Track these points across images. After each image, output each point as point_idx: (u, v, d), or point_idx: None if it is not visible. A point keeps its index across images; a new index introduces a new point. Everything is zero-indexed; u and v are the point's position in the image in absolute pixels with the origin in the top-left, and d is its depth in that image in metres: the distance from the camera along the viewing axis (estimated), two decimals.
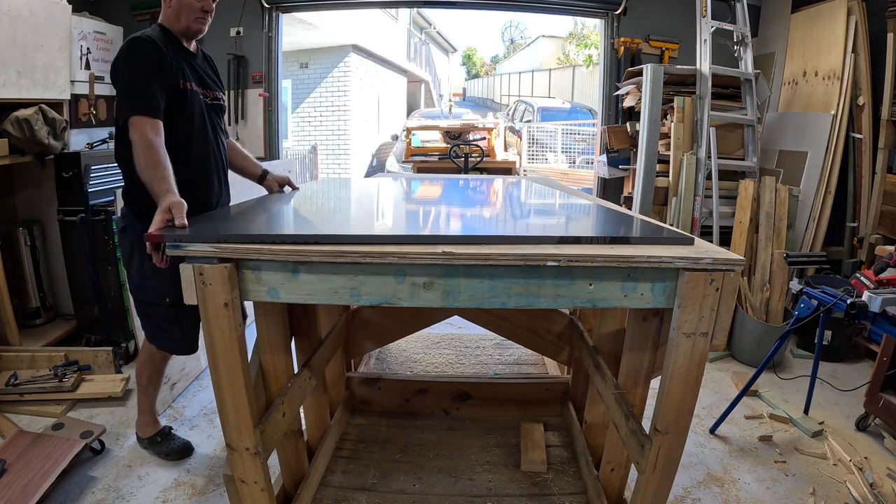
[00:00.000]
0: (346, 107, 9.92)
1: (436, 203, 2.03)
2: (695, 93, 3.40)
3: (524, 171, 8.06)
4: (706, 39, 3.34)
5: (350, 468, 1.95)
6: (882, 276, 1.88)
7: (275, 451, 1.58)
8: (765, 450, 2.24)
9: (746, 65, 3.48)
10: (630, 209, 3.57)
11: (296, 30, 7.60)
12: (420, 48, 17.87)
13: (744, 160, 3.52)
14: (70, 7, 2.99)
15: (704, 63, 3.34)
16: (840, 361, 3.08)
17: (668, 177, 3.48)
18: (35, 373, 2.47)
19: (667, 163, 3.51)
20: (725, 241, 3.31)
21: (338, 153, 9.97)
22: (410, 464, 1.97)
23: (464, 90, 29.73)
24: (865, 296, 1.82)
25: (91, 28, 3.42)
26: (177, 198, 1.30)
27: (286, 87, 9.70)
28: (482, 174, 5.78)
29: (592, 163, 5.41)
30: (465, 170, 6.19)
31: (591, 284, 1.08)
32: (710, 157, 3.33)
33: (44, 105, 2.69)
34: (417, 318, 2.22)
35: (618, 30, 4.09)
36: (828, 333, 2.95)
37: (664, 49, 4.07)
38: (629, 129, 3.92)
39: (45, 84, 2.82)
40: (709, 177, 3.35)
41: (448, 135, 7.06)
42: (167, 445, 2.09)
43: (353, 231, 1.30)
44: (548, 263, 1.04)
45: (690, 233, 2.34)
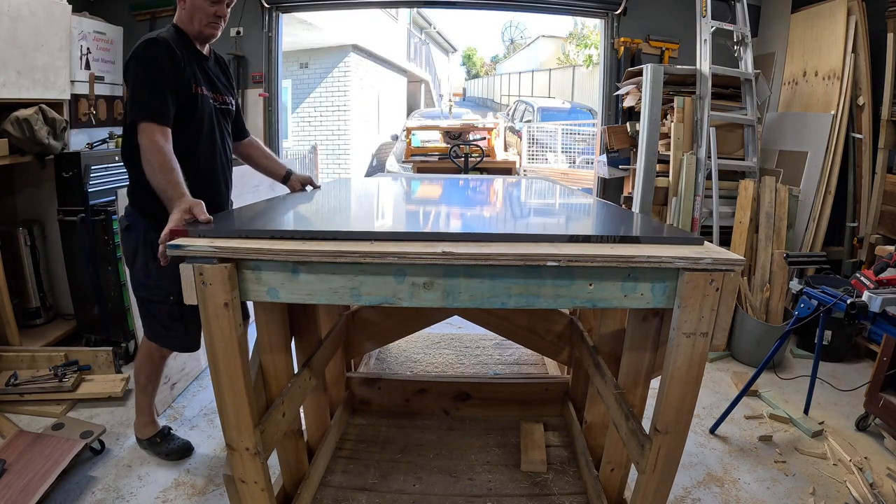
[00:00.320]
0: (346, 107, 9.93)
1: (437, 202, 2.03)
2: (695, 93, 3.40)
3: (524, 171, 8.06)
4: (706, 39, 3.34)
5: (350, 468, 1.95)
6: (882, 276, 1.88)
7: (275, 451, 1.58)
8: (765, 450, 2.24)
9: (746, 65, 3.48)
10: (630, 209, 3.57)
11: (296, 30, 7.61)
12: (420, 48, 17.87)
13: (744, 160, 3.52)
14: (70, 7, 2.99)
15: (704, 63, 3.34)
16: (840, 361, 3.08)
17: (668, 177, 3.48)
18: (35, 373, 2.48)
19: (667, 163, 3.51)
20: (725, 241, 3.31)
21: (338, 153, 9.98)
22: (410, 464, 1.97)
23: (464, 90, 29.73)
24: (865, 296, 1.82)
25: (91, 28, 3.42)
26: (193, 199, 1.32)
27: (286, 87, 9.70)
28: (482, 174, 5.78)
29: (592, 163, 5.41)
30: (465, 170, 6.20)
31: (591, 284, 1.08)
32: (710, 157, 3.33)
33: (44, 105, 2.69)
34: (417, 318, 2.22)
35: (618, 30, 4.08)
36: (828, 333, 2.95)
37: (664, 49, 4.06)
38: (629, 129, 3.92)
39: (45, 84, 2.82)
40: (709, 177, 3.35)
41: (448, 135, 7.06)
42: (167, 446, 2.09)
43: (354, 229, 1.30)
44: (548, 263, 1.04)
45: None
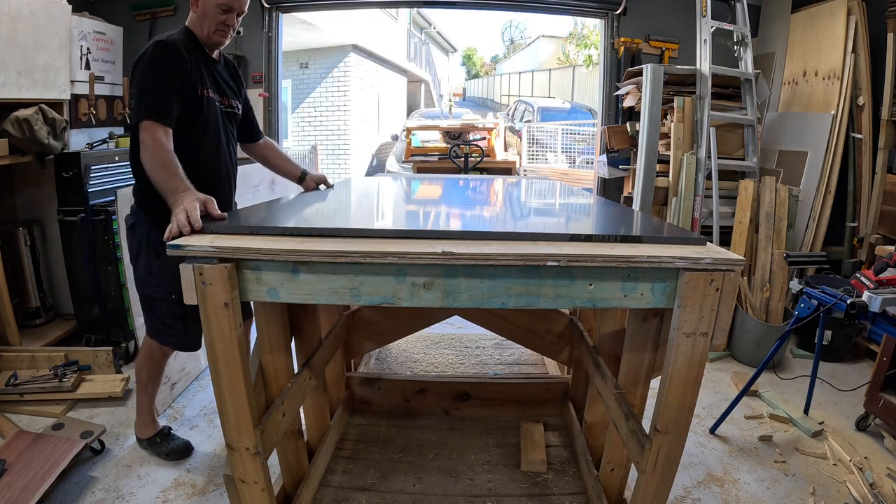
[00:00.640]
0: (346, 107, 9.92)
1: (436, 202, 2.03)
2: (695, 93, 3.40)
3: (524, 171, 8.06)
4: (706, 39, 3.34)
5: (350, 468, 1.95)
6: (882, 276, 1.88)
7: (275, 451, 1.58)
8: (765, 450, 2.24)
9: (746, 65, 3.48)
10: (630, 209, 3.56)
11: (296, 30, 7.61)
12: (420, 48, 17.87)
13: (744, 160, 3.52)
14: (70, 7, 2.98)
15: (704, 63, 3.34)
16: (840, 361, 3.08)
17: (668, 177, 3.48)
18: (35, 373, 2.47)
19: (667, 163, 3.51)
20: (725, 241, 3.31)
21: (338, 153, 9.98)
22: (410, 464, 1.97)
23: (464, 90, 29.73)
24: (865, 296, 1.82)
25: (91, 28, 3.42)
26: (204, 195, 1.30)
27: (286, 87, 9.70)
28: (482, 174, 5.78)
29: (592, 163, 5.41)
30: (465, 170, 6.19)
31: (591, 284, 1.08)
32: (710, 157, 3.33)
33: (44, 105, 2.69)
34: (417, 319, 2.22)
35: (618, 30, 4.08)
36: (828, 333, 2.95)
37: (664, 49, 4.06)
38: (629, 129, 3.92)
39: (45, 84, 2.82)
40: (709, 177, 3.35)
41: (448, 135, 7.06)
42: (167, 446, 2.09)
43: (354, 227, 1.31)
44: (548, 263, 1.04)
45: None
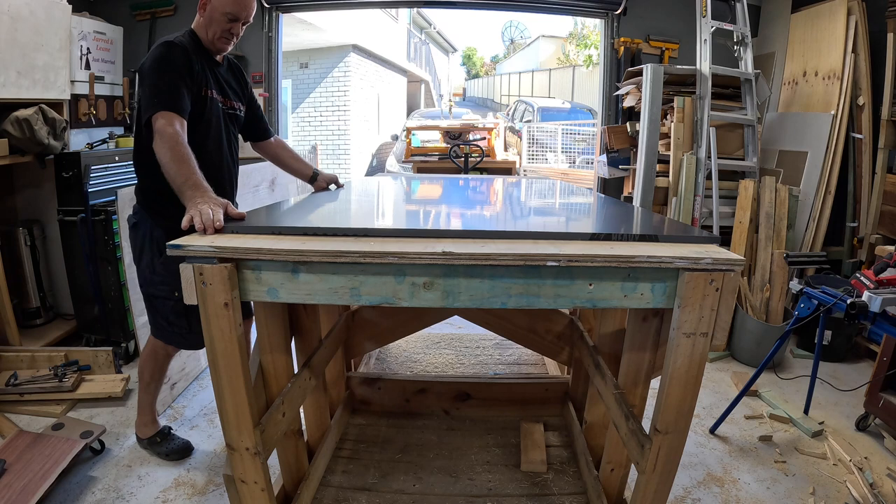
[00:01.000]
0: (346, 107, 9.93)
1: (437, 202, 2.03)
2: (695, 93, 3.40)
3: (524, 171, 8.06)
4: (706, 39, 3.34)
5: (350, 468, 1.95)
6: (882, 276, 1.88)
7: (275, 451, 1.58)
8: (765, 450, 2.24)
9: (746, 65, 3.48)
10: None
11: (296, 30, 7.61)
12: (420, 48, 17.88)
13: (744, 160, 3.52)
14: (70, 7, 2.99)
15: (704, 63, 3.34)
16: (840, 361, 3.08)
17: (668, 177, 3.48)
18: (35, 373, 2.47)
19: (667, 163, 3.51)
20: (725, 241, 3.31)
21: (338, 153, 9.98)
22: (410, 464, 1.97)
23: (464, 90, 29.74)
24: (865, 296, 1.82)
25: (91, 28, 3.42)
26: (218, 198, 1.30)
27: (286, 87, 9.70)
28: (482, 174, 5.77)
29: (592, 163, 5.41)
30: (465, 170, 6.19)
31: (591, 284, 1.08)
32: (710, 157, 3.33)
33: (44, 105, 2.69)
34: (417, 319, 2.22)
35: (618, 30, 4.08)
36: (828, 333, 2.95)
37: (664, 49, 4.06)
38: (629, 129, 3.92)
39: (45, 84, 2.82)
40: (709, 177, 3.35)
41: (448, 135, 7.06)
42: (167, 445, 2.09)
43: (354, 226, 1.30)
44: (547, 263, 1.04)
45: None
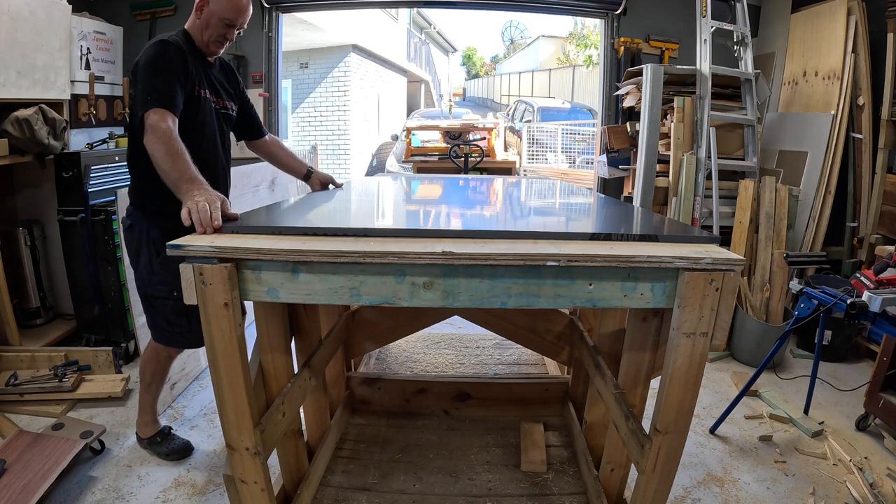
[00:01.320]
0: (346, 107, 9.93)
1: (437, 202, 2.03)
2: (695, 93, 3.40)
3: (524, 171, 8.06)
4: (706, 39, 3.34)
5: (350, 468, 1.95)
6: (882, 276, 1.88)
7: (275, 451, 1.58)
8: (765, 450, 2.24)
9: (746, 65, 3.48)
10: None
11: (296, 30, 7.61)
12: (420, 48, 17.88)
13: (744, 160, 3.52)
14: (70, 7, 2.99)
15: (704, 63, 3.34)
16: (840, 361, 3.08)
17: (668, 177, 3.48)
18: (35, 373, 2.47)
19: (667, 163, 3.51)
20: (725, 241, 3.30)
21: (338, 153, 9.98)
22: (410, 464, 1.97)
23: (464, 90, 29.74)
24: (865, 296, 1.82)
25: (91, 28, 3.42)
26: (214, 191, 1.29)
27: (286, 87, 9.70)
28: (482, 174, 5.77)
29: (592, 163, 5.41)
30: (465, 170, 6.19)
31: (591, 284, 1.08)
32: (710, 157, 3.33)
33: (44, 105, 2.69)
34: (417, 319, 2.22)
35: (618, 30, 4.08)
36: (828, 333, 2.95)
37: (664, 49, 4.06)
38: (629, 129, 3.92)
39: (45, 84, 2.82)
40: (709, 177, 3.34)
41: (448, 135, 7.05)
42: (167, 445, 2.09)
43: (354, 226, 1.30)
44: (547, 263, 1.04)
45: None
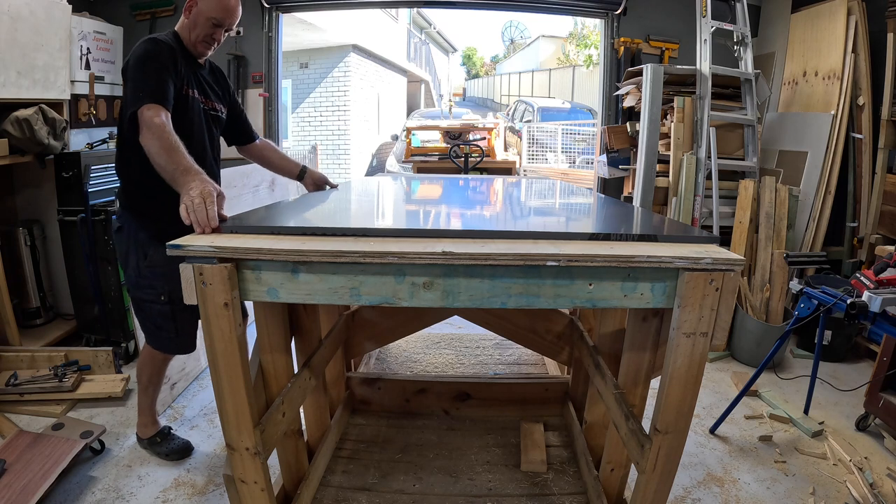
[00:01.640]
0: (346, 107, 9.93)
1: (437, 202, 2.03)
2: (695, 93, 3.40)
3: (524, 171, 8.06)
4: (706, 39, 3.34)
5: (350, 468, 1.95)
6: (882, 276, 1.88)
7: (275, 451, 1.58)
8: (765, 450, 2.24)
9: (746, 65, 3.48)
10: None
11: (296, 30, 7.61)
12: (420, 48, 17.88)
13: (744, 160, 3.52)
14: (70, 7, 2.99)
15: (704, 63, 3.34)
16: (840, 361, 3.08)
17: (668, 177, 3.48)
18: (35, 373, 2.47)
19: (667, 163, 3.51)
20: (725, 241, 3.30)
21: (338, 153, 9.98)
22: (410, 464, 1.97)
23: (464, 90, 29.75)
24: (865, 296, 1.82)
25: (91, 28, 3.43)
26: (213, 182, 1.26)
27: (286, 87, 9.70)
28: (482, 174, 5.77)
29: (592, 163, 5.41)
30: (465, 170, 6.19)
31: (591, 284, 1.08)
32: (710, 157, 3.33)
33: (44, 105, 2.69)
34: (417, 319, 2.22)
35: (618, 30, 4.08)
36: (828, 333, 2.95)
37: (664, 49, 4.06)
38: (629, 129, 3.92)
39: (45, 84, 2.82)
40: (709, 177, 3.35)
41: (448, 135, 7.05)
42: (167, 446, 2.09)
43: (354, 226, 1.30)
44: (547, 263, 1.04)
45: None
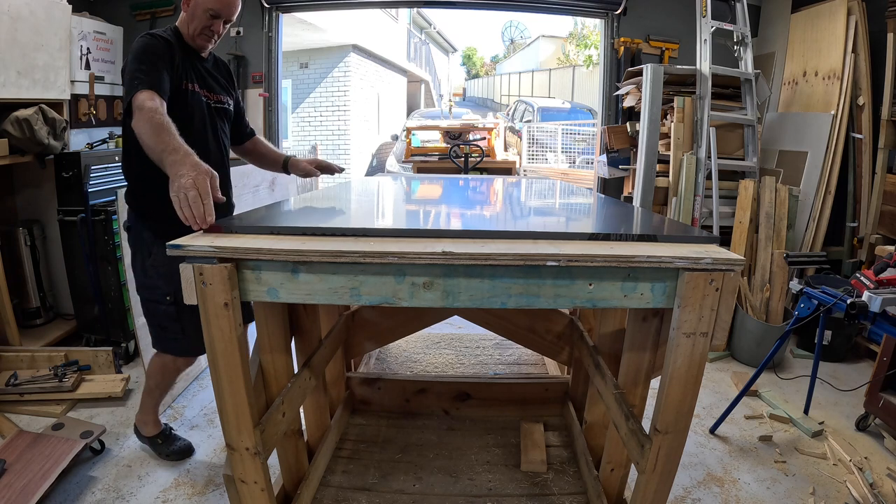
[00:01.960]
0: (346, 107, 9.93)
1: (437, 202, 2.02)
2: (695, 93, 3.40)
3: (524, 171, 8.06)
4: (706, 39, 3.34)
5: (350, 468, 1.95)
6: (882, 276, 1.88)
7: (275, 451, 1.58)
8: (765, 450, 2.24)
9: (746, 65, 3.48)
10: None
11: (296, 30, 7.61)
12: (420, 48, 17.89)
13: (744, 160, 3.52)
14: (70, 7, 2.99)
15: (704, 63, 3.34)
16: (840, 361, 3.08)
17: (668, 177, 3.48)
18: (35, 373, 2.47)
19: (667, 163, 3.51)
20: (725, 241, 3.30)
21: (338, 153, 9.98)
22: (410, 464, 1.97)
23: (464, 90, 29.75)
24: (865, 296, 1.82)
25: (91, 28, 3.42)
26: (203, 164, 1.21)
27: (286, 87, 9.71)
28: (482, 174, 5.77)
29: (592, 163, 5.41)
30: (465, 170, 6.19)
31: (591, 284, 1.08)
32: (710, 157, 3.33)
33: (44, 105, 2.69)
34: (417, 319, 2.22)
35: (618, 30, 4.08)
36: (828, 333, 2.95)
37: (664, 49, 4.06)
38: (629, 129, 3.92)
39: (45, 84, 2.82)
40: (709, 177, 3.35)
41: (448, 135, 7.05)
42: (168, 447, 2.09)
43: (354, 226, 1.30)
44: (547, 263, 1.04)
45: None
